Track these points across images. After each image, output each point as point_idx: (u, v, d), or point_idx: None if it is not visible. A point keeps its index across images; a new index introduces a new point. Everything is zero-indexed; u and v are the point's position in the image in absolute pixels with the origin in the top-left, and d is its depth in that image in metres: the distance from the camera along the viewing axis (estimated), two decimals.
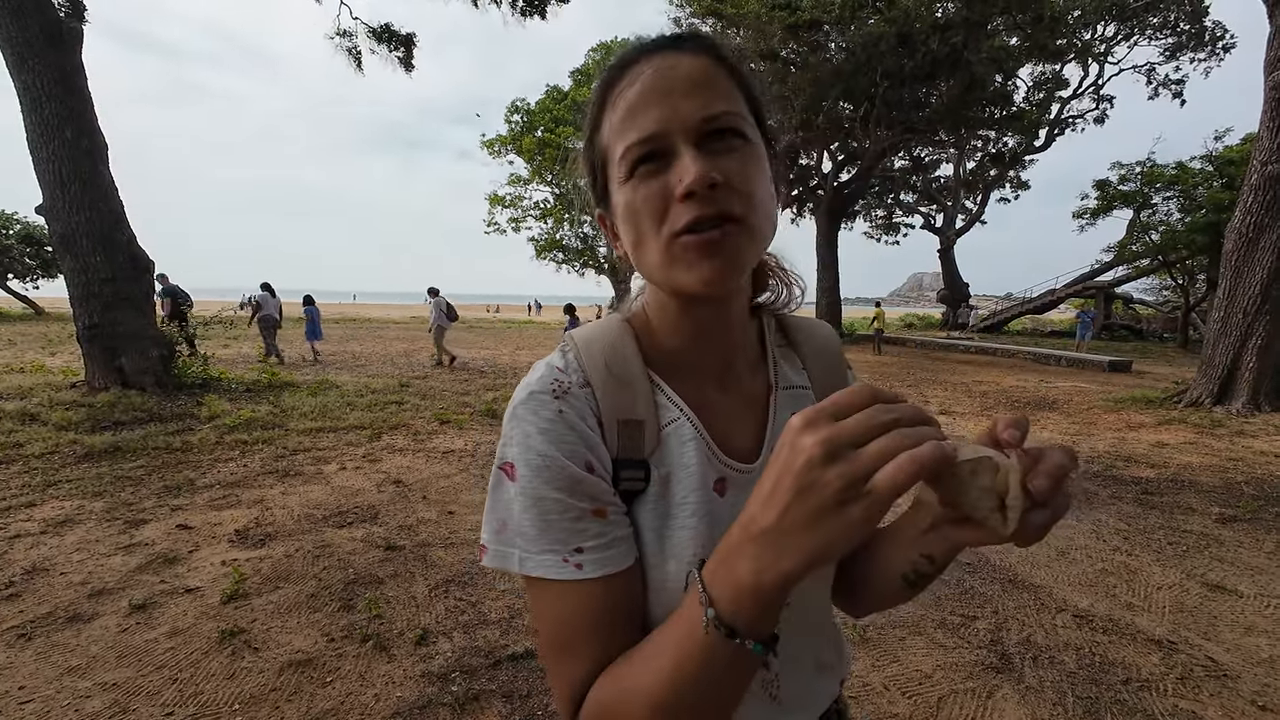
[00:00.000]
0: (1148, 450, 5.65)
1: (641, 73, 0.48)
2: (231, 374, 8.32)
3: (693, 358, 0.56)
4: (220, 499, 3.83)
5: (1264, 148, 6.94)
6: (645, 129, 0.46)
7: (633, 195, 0.48)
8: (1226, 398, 7.22)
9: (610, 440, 0.51)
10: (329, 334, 17.60)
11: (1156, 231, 18.83)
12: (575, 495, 0.47)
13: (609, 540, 0.48)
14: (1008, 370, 12.17)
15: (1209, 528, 3.71)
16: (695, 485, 0.52)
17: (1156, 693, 2.11)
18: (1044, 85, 21.06)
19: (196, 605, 2.54)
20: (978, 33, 14.24)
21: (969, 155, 24.92)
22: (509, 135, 25.28)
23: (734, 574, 0.37)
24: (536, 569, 0.47)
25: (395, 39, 10.23)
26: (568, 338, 0.57)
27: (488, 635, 2.38)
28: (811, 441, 0.33)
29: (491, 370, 10.60)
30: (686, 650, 0.40)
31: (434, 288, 11.52)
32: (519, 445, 0.49)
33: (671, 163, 0.46)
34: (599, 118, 0.51)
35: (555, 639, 0.48)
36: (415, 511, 3.71)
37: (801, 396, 0.61)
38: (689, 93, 0.46)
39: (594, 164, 0.54)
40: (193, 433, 5.33)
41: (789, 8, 14.86)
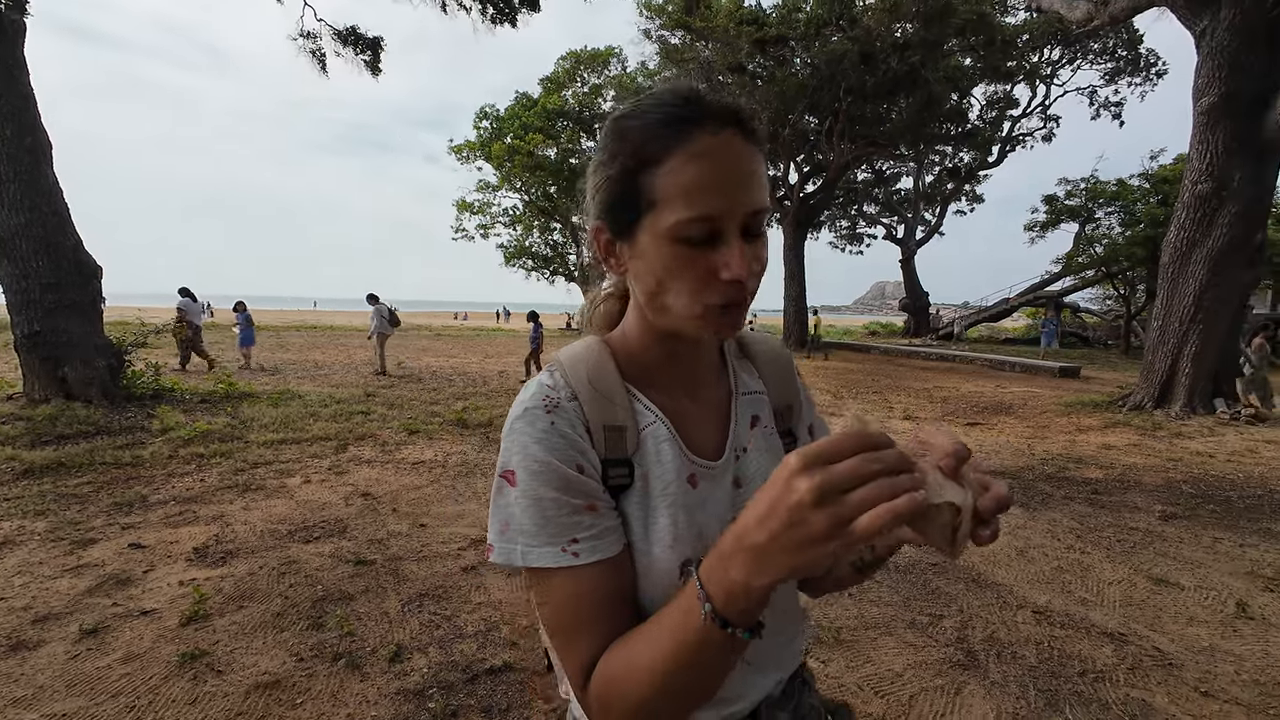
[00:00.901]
0: (1096, 452, 5.95)
1: (710, 148, 0.51)
2: (185, 384, 7.97)
3: (665, 372, 0.64)
4: (176, 515, 3.66)
5: (1194, 168, 7.45)
6: (705, 210, 0.51)
7: (676, 258, 0.53)
8: (1165, 402, 7.67)
9: (598, 444, 0.57)
10: (289, 342, 17.02)
11: (1100, 244, 19.90)
12: (569, 493, 0.54)
13: (600, 530, 0.55)
14: (966, 376, 12.64)
15: (1153, 525, 3.93)
16: (672, 479, 0.59)
17: (1110, 683, 2.23)
18: (996, 104, 22.12)
19: (153, 628, 2.42)
20: (935, 53, 14.87)
21: (927, 169, 25.94)
22: (477, 141, 25.04)
23: (728, 576, 0.43)
24: (539, 560, 0.53)
25: (361, 42, 10.05)
26: (554, 359, 0.63)
27: (464, 649, 2.34)
28: (805, 486, 0.38)
29: (460, 379, 10.43)
30: (685, 635, 0.46)
31: (373, 294, 11.20)
32: (519, 454, 0.55)
33: (717, 242, 0.52)
34: (655, 158, 0.52)
35: (561, 622, 0.55)
36: (385, 524, 3.63)
37: (758, 401, 0.69)
38: (744, 183, 0.52)
39: (627, 193, 0.54)
40: (144, 446, 5.08)
41: (756, 23, 15.22)
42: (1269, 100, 6.95)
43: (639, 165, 0.53)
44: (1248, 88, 7.00)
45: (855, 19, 14.69)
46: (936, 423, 4.34)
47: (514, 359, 14.27)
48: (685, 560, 0.57)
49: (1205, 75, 7.24)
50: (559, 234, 27.34)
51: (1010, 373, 13.53)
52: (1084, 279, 23.03)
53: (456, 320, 45.34)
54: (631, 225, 0.55)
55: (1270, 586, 3.06)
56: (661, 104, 0.53)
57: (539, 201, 24.81)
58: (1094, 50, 21.03)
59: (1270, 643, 2.54)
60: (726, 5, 15.79)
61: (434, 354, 15.07)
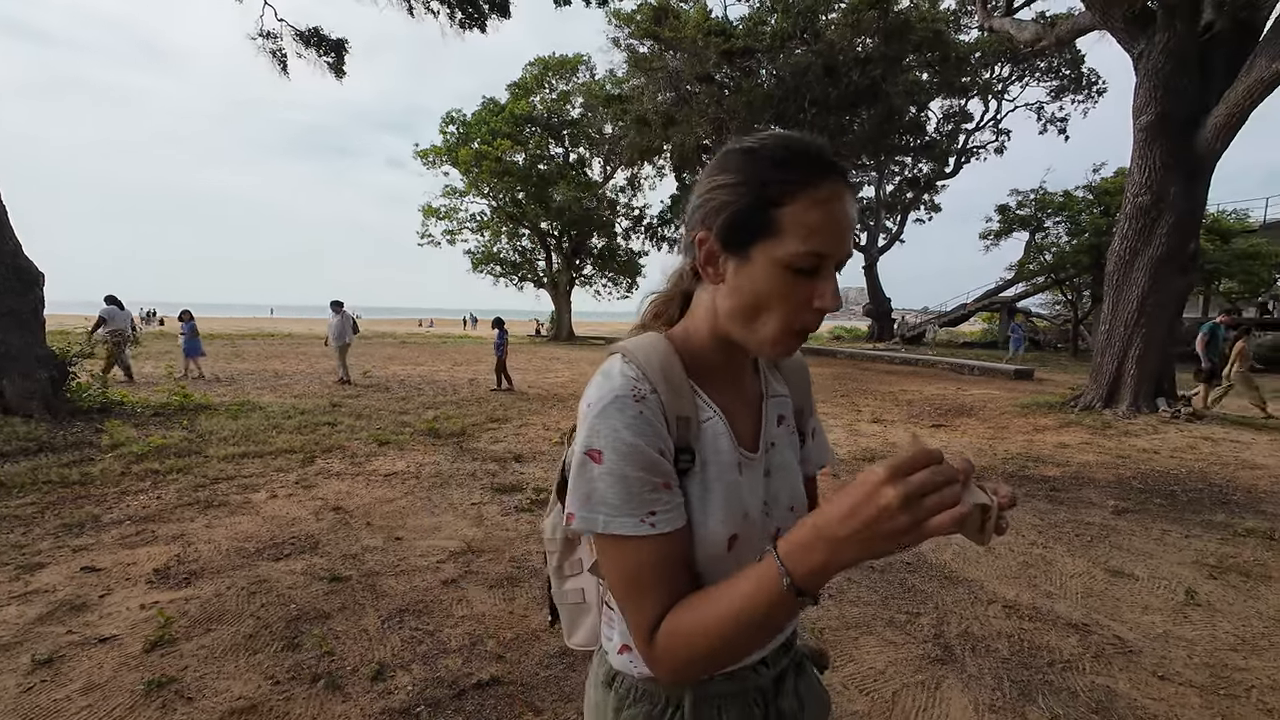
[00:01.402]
0: (1052, 450, 6.24)
1: (834, 196, 0.61)
2: (135, 396, 7.59)
3: (720, 371, 0.72)
4: (133, 535, 3.47)
5: (1135, 181, 7.93)
6: (824, 249, 0.60)
7: (783, 282, 0.61)
8: (1113, 402, 8.11)
9: (672, 432, 0.65)
10: (246, 351, 16.38)
11: (1049, 252, 20.93)
12: (652, 473, 0.62)
13: (673, 505, 0.63)
14: (928, 380, 13.08)
15: (1107, 519, 4.14)
16: (726, 466, 0.68)
17: (1077, 671, 2.34)
18: (952, 118, 23.13)
19: (114, 656, 2.29)
20: (894, 68, 15.45)
21: (888, 179, 26.85)
22: (444, 146, 24.69)
23: (810, 559, 0.52)
24: (620, 528, 0.61)
25: (325, 43, 9.82)
26: (625, 350, 0.68)
27: (449, 664, 2.30)
28: (893, 493, 0.47)
29: (429, 387, 10.22)
30: (759, 599, 0.54)
31: (338, 301, 10.85)
32: (608, 436, 0.61)
33: (819, 272, 0.61)
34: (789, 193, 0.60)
35: (632, 584, 0.62)
36: (359, 539, 3.52)
37: (784, 403, 0.80)
38: (848, 233, 0.62)
39: (751, 218, 0.61)
40: (93, 463, 4.81)
41: (724, 34, 15.52)
42: (1199, 120, 7.46)
43: (770, 198, 0.60)
44: (1181, 108, 7.50)
45: (819, 33, 15.15)
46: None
47: (483, 366, 14.07)
48: (732, 535, 0.66)
49: (1143, 95, 7.74)
50: (527, 240, 27.15)
51: (970, 375, 14.06)
52: (1035, 285, 24.16)
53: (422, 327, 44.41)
54: (747, 245, 0.62)
55: (1214, 574, 3.27)
56: (792, 149, 0.62)
57: (507, 207, 24.58)
58: (1041, 69, 22.22)
59: (1217, 627, 2.70)
60: (694, 16, 16.05)
61: (400, 362, 14.73)
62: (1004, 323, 26.12)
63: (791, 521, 0.70)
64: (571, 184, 23.71)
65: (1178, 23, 7.33)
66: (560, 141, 25.73)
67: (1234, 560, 3.46)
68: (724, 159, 0.65)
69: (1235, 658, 2.46)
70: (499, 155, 22.44)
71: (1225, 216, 19.75)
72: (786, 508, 0.75)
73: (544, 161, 24.81)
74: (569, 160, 25.96)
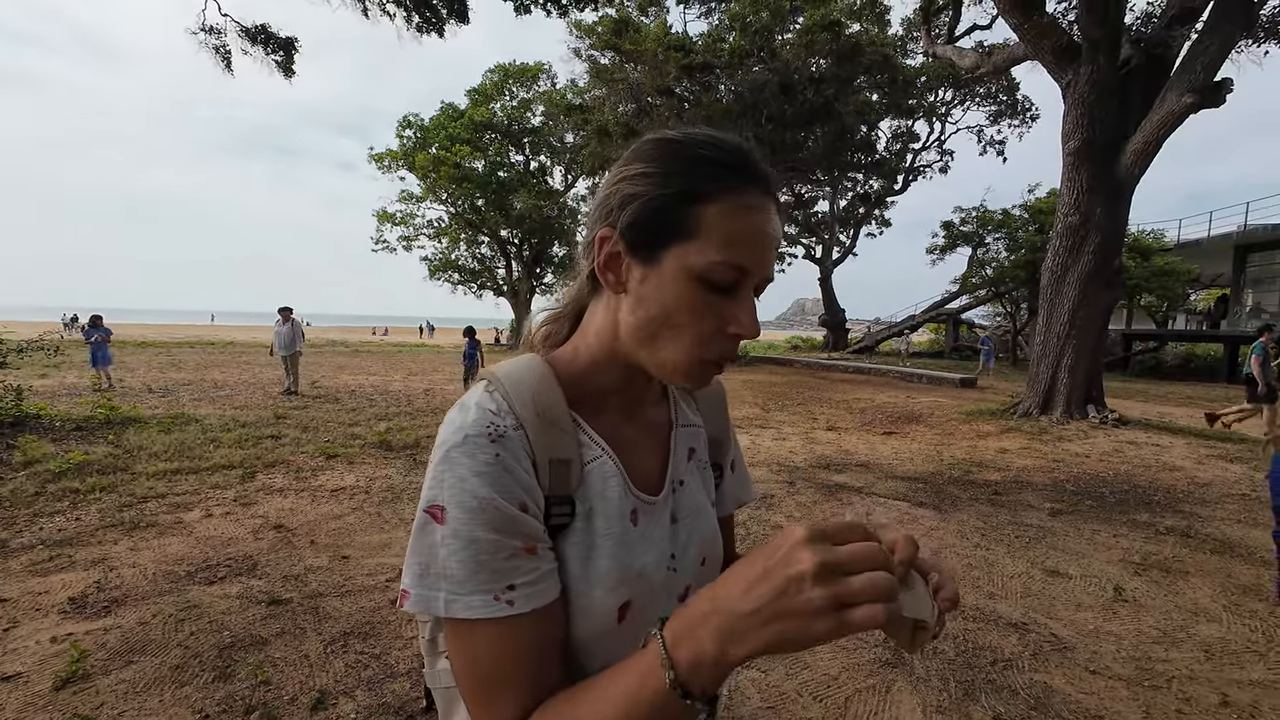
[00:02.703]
0: (994, 456, 6.54)
1: (761, 206, 0.53)
2: (54, 409, 7.03)
3: (613, 397, 0.61)
4: (45, 561, 3.20)
5: (1065, 202, 8.48)
6: (742, 261, 0.52)
7: (694, 297, 0.52)
8: (1049, 408, 8.58)
9: (542, 479, 0.53)
10: (183, 360, 15.46)
11: (989, 266, 22.10)
12: (510, 535, 0.49)
13: (539, 575, 0.50)
14: (880, 388, 13.54)
15: (1043, 521, 4.37)
16: (616, 517, 0.56)
17: (1017, 669, 2.44)
18: (900, 137, 24.22)
19: (19, 695, 2.09)
20: (846, 88, 16.09)
21: (841, 194, 27.83)
22: (400, 150, 24.13)
23: (699, 645, 0.41)
24: (465, 610, 0.48)
25: (273, 41, 9.47)
26: (492, 377, 0.57)
27: (396, 689, 2.20)
28: (810, 557, 0.37)
29: (382, 398, 9.89)
30: (638, 701, 0.42)
31: (287, 308, 10.31)
32: (452, 488, 0.49)
33: (734, 295, 0.53)
34: (709, 194, 0.52)
35: (483, 678, 0.49)
36: (302, 559, 3.35)
37: (696, 433, 0.70)
38: (772, 250, 0.55)
39: (664, 216, 0.53)
40: (3, 483, 4.42)
41: (684, 49, 15.82)
42: (1120, 147, 8.06)
43: (690, 194, 0.52)
44: (1104, 135, 8.08)
45: (775, 52, 15.64)
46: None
47: (439, 376, 13.73)
48: (625, 602, 0.55)
49: (1070, 122, 8.30)
50: (487, 247, 26.76)
51: (918, 384, 14.63)
52: (977, 298, 25.46)
53: (375, 335, 43.03)
54: (657, 248, 0.53)
55: (1139, 571, 3.48)
56: (723, 148, 0.53)
57: (466, 214, 24.19)
58: (980, 94, 23.57)
59: (1142, 621, 2.88)
60: (654, 31, 16.31)
61: (352, 371, 14.20)
62: (950, 333, 27.37)
63: (704, 579, 0.63)
64: (532, 192, 23.56)
65: (1100, 56, 7.91)
66: (521, 149, 25.55)
67: (1156, 557, 3.69)
68: (639, 148, 0.56)
69: (1158, 650, 2.62)
70: (458, 161, 22.09)
71: (1145, 236, 21.34)
72: (697, 561, 0.63)
73: (504, 169, 24.57)
74: (530, 168, 25.79)
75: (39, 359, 8.71)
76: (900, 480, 5.46)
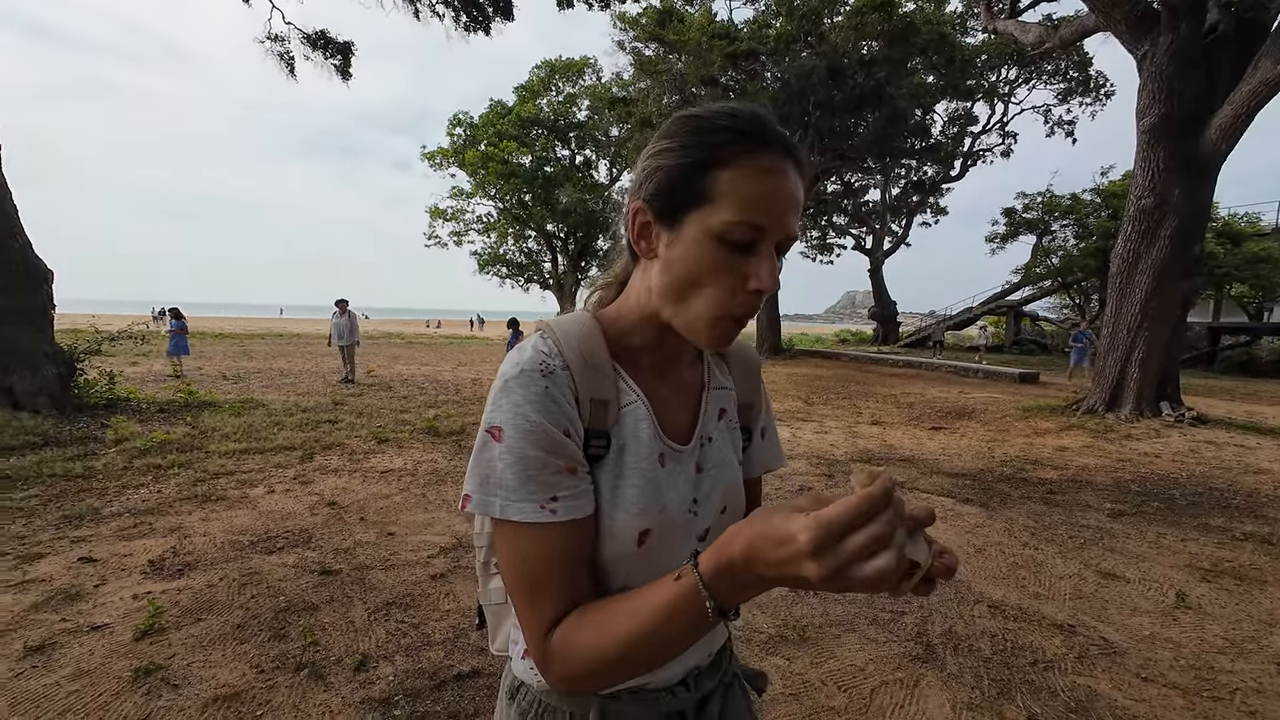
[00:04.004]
0: (1052, 454, 6.19)
1: (778, 166, 0.56)
2: (141, 393, 7.69)
3: (650, 355, 0.67)
4: (130, 528, 3.53)
5: (1138, 184, 7.87)
6: (758, 220, 0.56)
7: (714, 256, 0.57)
8: (1116, 405, 8.03)
9: (583, 414, 0.60)
10: (254, 350, 16.54)
11: (1056, 256, 20.80)
12: (555, 454, 0.57)
13: (578, 492, 0.58)
14: (930, 382, 13.01)
15: (1102, 522, 4.12)
16: (644, 455, 0.63)
17: (1058, 671, 2.33)
18: (957, 120, 22.99)
19: (105, 643, 2.34)
20: (899, 70, 15.41)
21: (893, 182, 26.75)
22: (451, 148, 24.87)
23: (736, 586, 0.48)
24: (517, 514, 0.56)
25: (332, 46, 9.94)
26: (546, 326, 0.65)
27: (432, 656, 2.32)
28: (814, 570, 0.41)
29: (432, 387, 10.29)
30: (674, 612, 0.50)
31: (343, 300, 10.94)
32: (508, 412, 0.57)
33: (754, 252, 0.57)
34: (725, 159, 0.56)
35: (528, 578, 0.57)
36: (352, 534, 3.56)
37: (726, 396, 0.75)
38: (791, 209, 0.57)
39: (685, 184, 0.57)
40: (97, 457, 4.88)
41: (728, 37, 15.55)
42: (1203, 120, 7.40)
43: (706, 162, 0.56)
44: (1184, 109, 7.44)
45: (823, 36, 15.15)
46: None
47: (487, 367, 14.14)
48: (645, 530, 0.61)
49: (1146, 97, 7.68)
50: (534, 241, 27.27)
51: (973, 379, 13.97)
52: (1041, 289, 24.01)
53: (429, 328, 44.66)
54: (680, 214, 0.58)
55: (1207, 577, 3.24)
56: (737, 116, 0.57)
57: (513, 209, 24.72)
58: (1047, 71, 22.08)
59: (1206, 630, 2.69)
60: (699, 19, 16.10)
61: (405, 361, 14.82)
62: (1011, 326, 25.95)
63: (723, 525, 0.67)
64: (577, 186, 23.80)
65: (1181, 23, 7.27)
66: (566, 144, 25.85)
67: (1229, 564, 3.43)
68: (666, 126, 0.61)
69: (1223, 660, 2.45)
70: (505, 157, 22.58)
71: (1237, 220, 19.53)
72: (718, 509, 0.69)
73: (550, 163, 24.93)
74: (575, 162, 26.06)
75: (129, 347, 9.51)
76: (946, 476, 5.26)
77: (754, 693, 0.81)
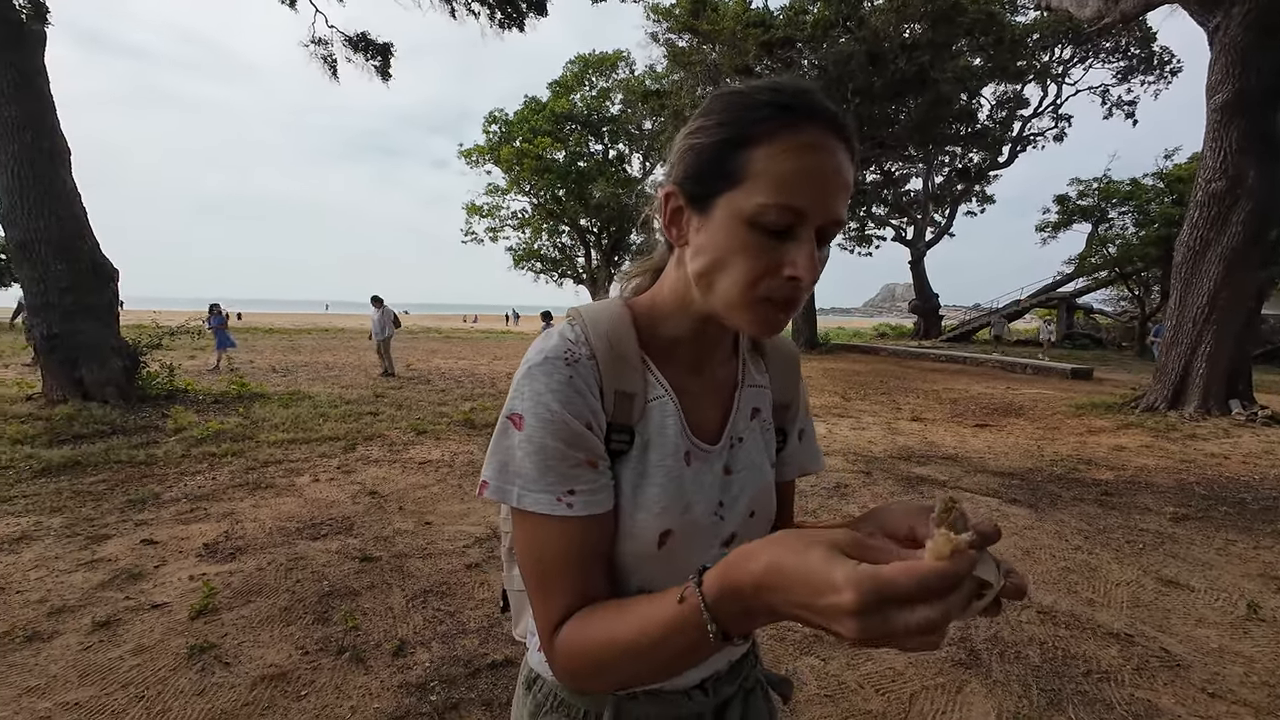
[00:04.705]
0: (1107, 454, 5.87)
1: (817, 143, 0.51)
2: (198, 385, 8.10)
3: (682, 348, 0.64)
4: (187, 513, 3.72)
5: (1208, 166, 7.35)
6: (795, 203, 0.50)
7: (747, 241, 0.52)
8: (1180, 403, 7.56)
9: (607, 406, 0.58)
10: (301, 345, 17.23)
11: (1113, 245, 19.67)
12: (574, 447, 0.55)
13: (597, 487, 0.56)
14: (975, 378, 12.53)
15: (1164, 526, 3.88)
16: (670, 453, 0.60)
17: (1115, 683, 2.21)
18: (1006, 104, 21.92)
19: (163, 621, 2.47)
20: (943, 53, 14.79)
21: (937, 170, 25.77)
22: (486, 145, 25.23)
23: (745, 613, 0.44)
24: (533, 505, 0.54)
25: (372, 48, 10.18)
26: (576, 313, 0.62)
27: (467, 644, 2.37)
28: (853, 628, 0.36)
29: (469, 380, 10.50)
30: (674, 633, 0.47)
31: (378, 297, 11.30)
32: (530, 400, 0.55)
33: (792, 237, 0.51)
34: (760, 135, 0.51)
35: (541, 571, 0.55)
36: (391, 522, 3.67)
37: (761, 394, 0.70)
38: (836, 193, 0.51)
39: (719, 164, 0.53)
40: (158, 445, 5.17)
41: (763, 25, 15.23)
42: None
43: (739, 140, 0.52)
44: (1261, 84, 6.90)
45: (862, 20, 14.67)
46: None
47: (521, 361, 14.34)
48: (666, 530, 0.59)
49: (1218, 72, 7.15)
50: (567, 236, 27.45)
51: (1021, 374, 13.38)
52: (1097, 280, 22.77)
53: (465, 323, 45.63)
54: (710, 197, 0.53)
55: None
56: (779, 90, 0.52)
57: (547, 204, 24.92)
58: (1106, 49, 20.82)
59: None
60: (733, 8, 15.82)
61: (443, 356, 15.18)
62: (1062, 319, 24.74)
63: (750, 530, 0.65)
64: (611, 180, 23.83)
65: None
66: (600, 138, 25.88)
67: None
68: (705, 104, 0.57)
69: None
70: (539, 153, 22.77)
71: None
72: (746, 513, 0.65)
73: (584, 158, 25.01)
74: (608, 156, 26.07)
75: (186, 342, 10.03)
76: (991, 475, 5.06)
77: (778, 699, 0.77)
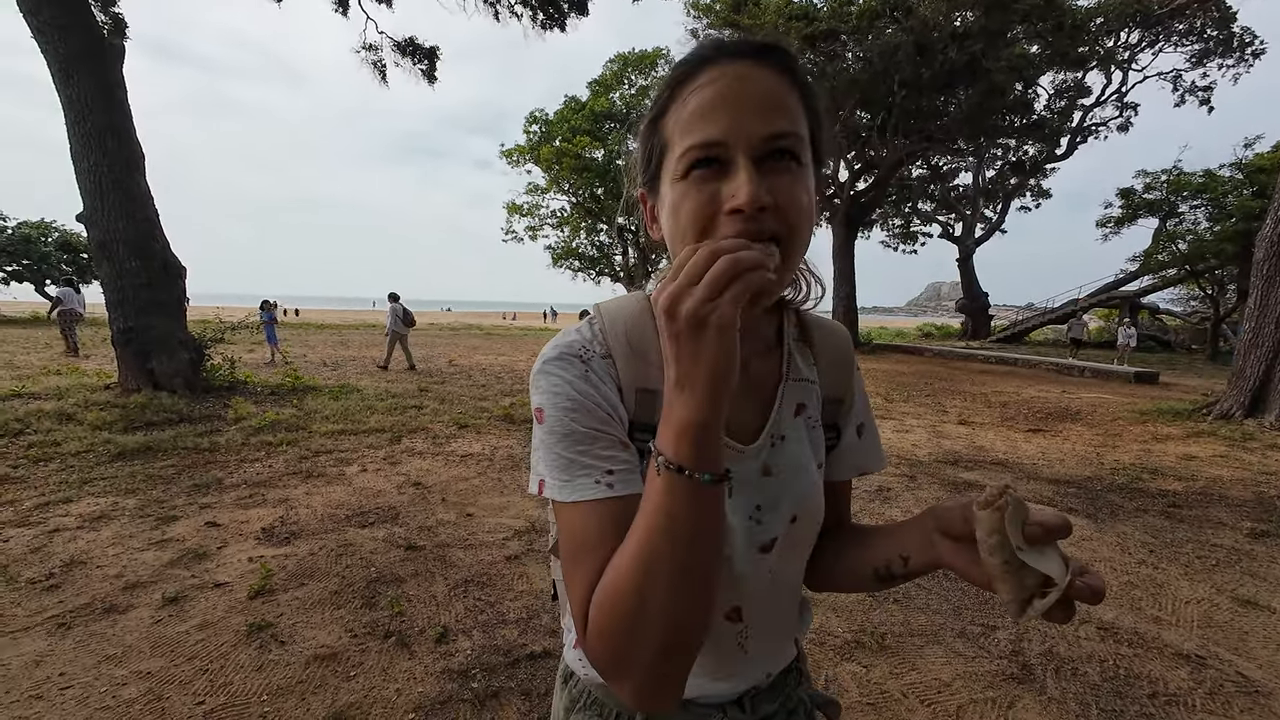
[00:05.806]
0: (1175, 463, 5.52)
1: (716, 76, 0.49)
2: (256, 377, 8.53)
3: None
4: (247, 498, 3.93)
5: None
6: (709, 135, 0.48)
7: (683, 195, 0.50)
8: (1259, 410, 7.02)
9: (629, 404, 0.56)
10: (350, 340, 17.91)
11: (1184, 240, 18.44)
12: (601, 428, 0.53)
13: (633, 466, 0.54)
14: (1028, 380, 11.97)
15: (1240, 542, 3.62)
16: None
17: (1184, 707, 2.07)
18: (1065, 93, 20.78)
19: (225, 599, 2.61)
20: (997, 41, 14.16)
21: (988, 164, 24.70)
22: (527, 145, 25.62)
23: (670, 427, 0.45)
24: (574, 494, 0.52)
25: (419, 52, 10.48)
26: (595, 310, 0.62)
27: (506, 634, 2.41)
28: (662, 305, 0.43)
29: (508, 376, 10.70)
30: (653, 505, 0.46)
31: (394, 293, 11.64)
32: (546, 393, 0.54)
33: (728, 172, 0.48)
34: (665, 105, 0.53)
35: (578, 548, 0.51)
36: (435, 513, 3.77)
37: (808, 389, 0.64)
38: (757, 108, 0.48)
39: (651, 148, 0.55)
40: (220, 434, 5.47)
41: (806, 18, 14.93)
42: None
43: (657, 115, 0.53)
44: None
45: (910, 9, 14.18)
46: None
47: None
48: None
49: None
50: (605, 235, 27.62)
51: (1078, 377, 12.71)
52: (1164, 278, 21.39)
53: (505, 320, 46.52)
54: (656, 179, 0.55)
55: None
56: (688, 54, 0.53)
57: (586, 203, 25.13)
58: (1179, 31, 19.49)
59: None
60: (775, 2, 15.55)
61: (484, 352, 15.52)
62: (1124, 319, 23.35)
63: (794, 535, 0.61)
64: None
65: None
66: None
67: None
68: None
69: None
70: (579, 152, 22.96)
71: None
72: (788, 517, 0.60)
73: (622, 156, 25.10)
74: None
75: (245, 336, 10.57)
76: (1045, 483, 4.82)
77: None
